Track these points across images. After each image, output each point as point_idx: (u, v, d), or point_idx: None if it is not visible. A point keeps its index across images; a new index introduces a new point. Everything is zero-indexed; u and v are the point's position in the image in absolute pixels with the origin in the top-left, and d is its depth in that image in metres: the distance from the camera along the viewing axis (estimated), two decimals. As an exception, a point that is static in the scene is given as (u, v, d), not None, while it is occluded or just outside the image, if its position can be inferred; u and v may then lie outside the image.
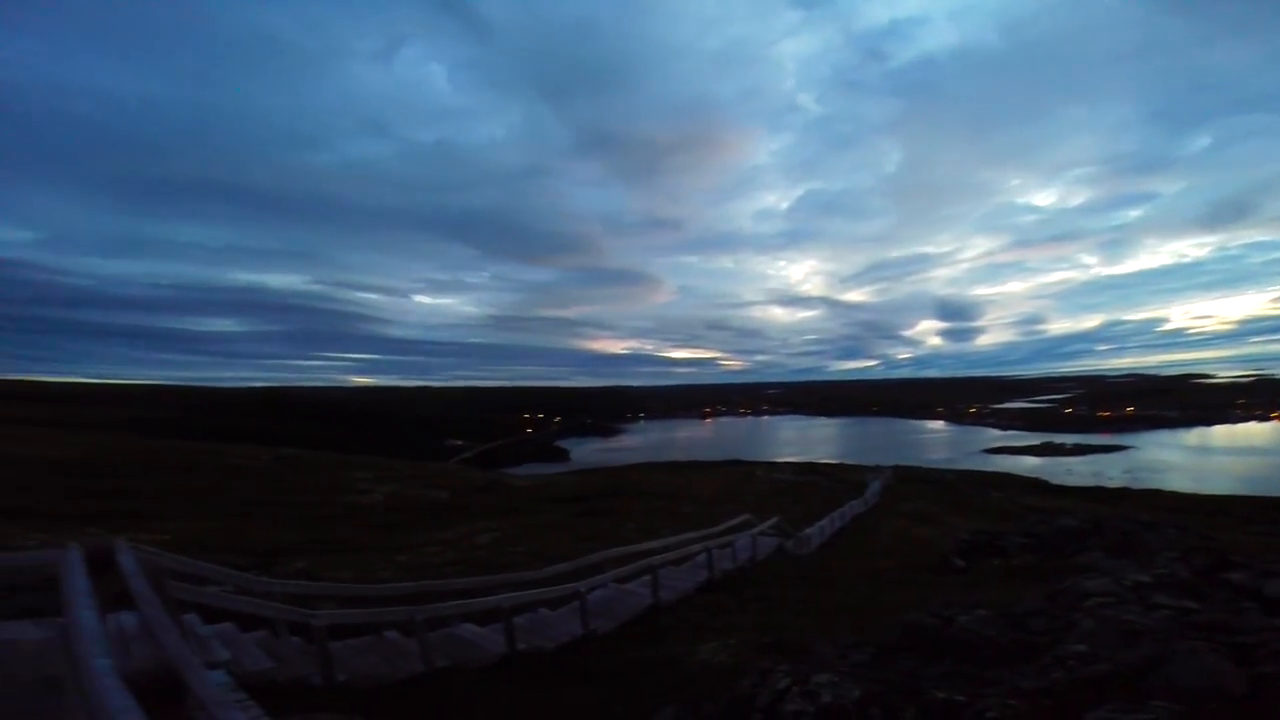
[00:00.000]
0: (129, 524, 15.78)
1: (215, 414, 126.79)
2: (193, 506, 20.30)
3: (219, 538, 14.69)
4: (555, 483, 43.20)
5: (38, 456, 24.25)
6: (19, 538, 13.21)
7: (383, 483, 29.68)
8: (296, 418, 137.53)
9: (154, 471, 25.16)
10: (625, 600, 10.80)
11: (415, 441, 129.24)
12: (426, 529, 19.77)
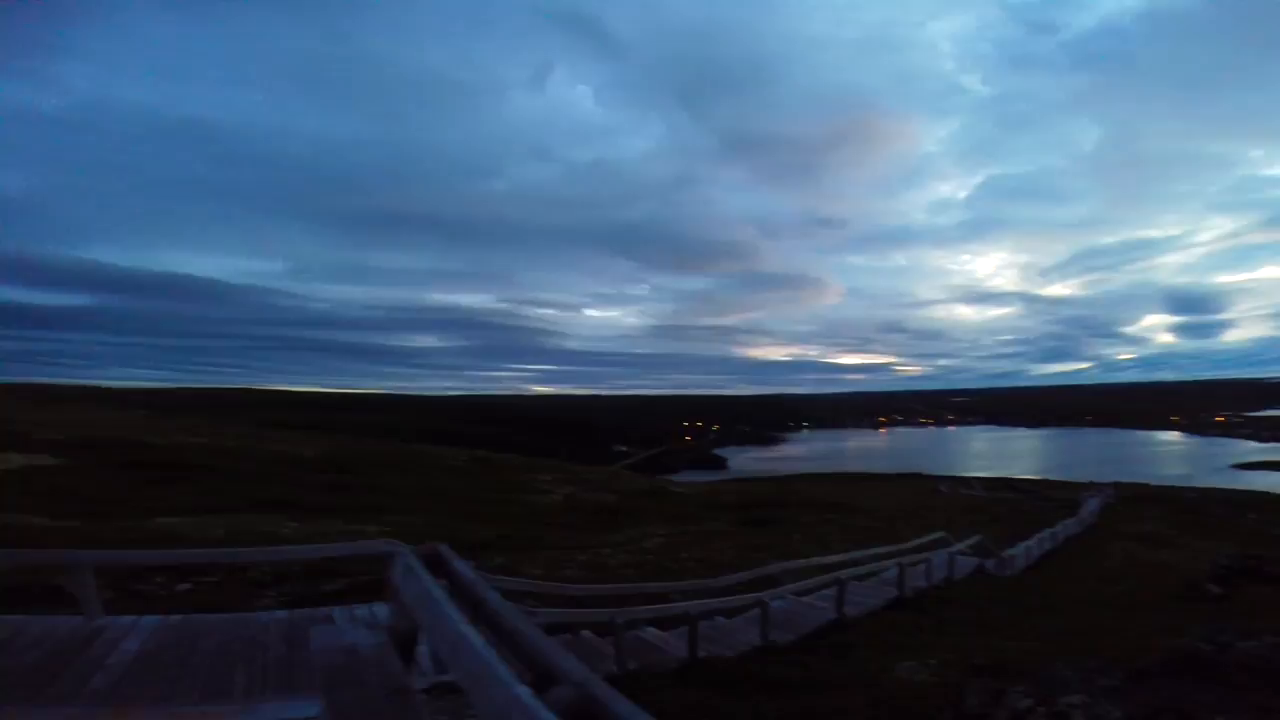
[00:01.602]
0: (365, 516, 18.45)
1: (423, 419, 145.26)
2: (408, 502, 23.21)
3: (432, 532, 16.62)
4: (717, 490, 43.13)
5: (292, 455, 29.38)
6: (281, 524, 16.12)
7: (561, 485, 31.66)
8: (487, 422, 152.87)
9: (377, 469, 29.24)
10: (805, 613, 10.55)
11: (586, 446, 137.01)
12: (599, 531, 20.73)
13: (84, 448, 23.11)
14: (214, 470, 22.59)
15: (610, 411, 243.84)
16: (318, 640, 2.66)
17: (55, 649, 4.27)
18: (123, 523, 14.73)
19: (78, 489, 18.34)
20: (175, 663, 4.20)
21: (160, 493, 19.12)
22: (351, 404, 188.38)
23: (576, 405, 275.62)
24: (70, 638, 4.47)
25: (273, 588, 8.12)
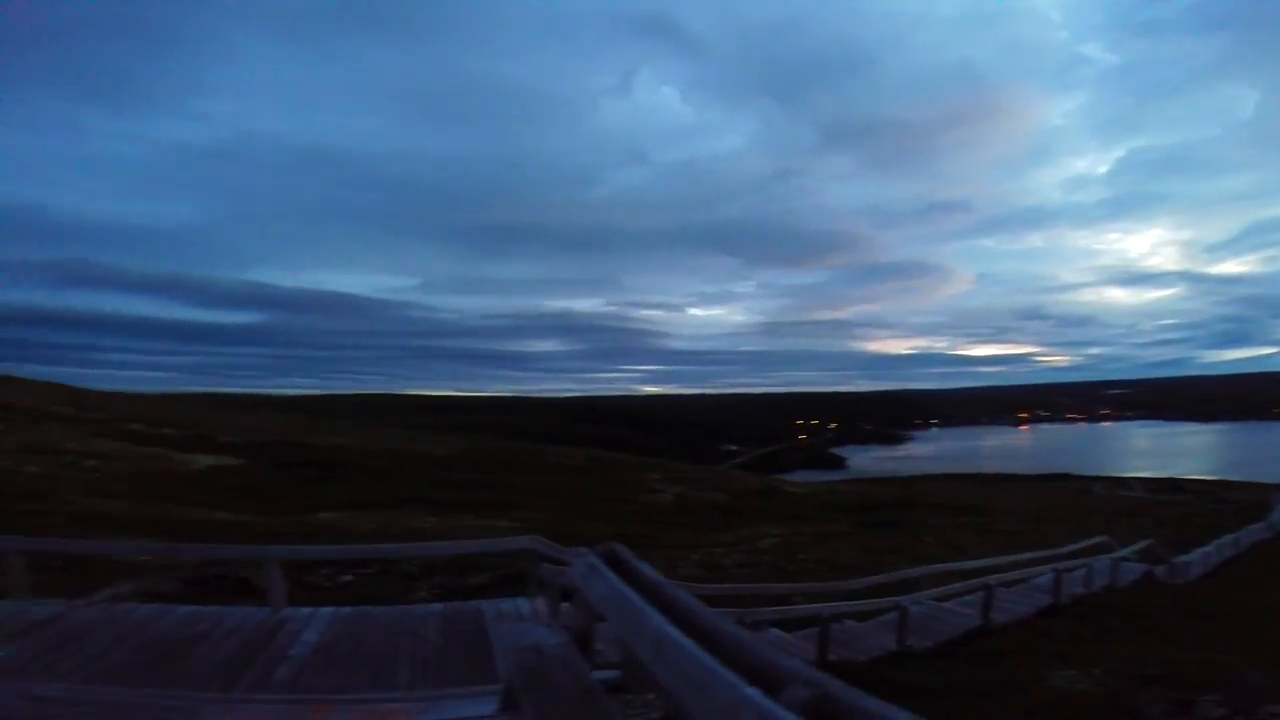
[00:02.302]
0: (493, 512, 19.66)
1: (542, 420, 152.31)
2: (531, 499, 24.42)
3: (554, 528, 17.40)
4: (835, 490, 41.55)
5: (429, 455, 31.84)
6: (422, 519, 17.55)
7: (672, 484, 31.92)
8: (601, 423, 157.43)
9: (503, 468, 31.00)
10: (945, 619, 10.05)
11: (695, 446, 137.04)
12: (711, 530, 20.69)
13: (257, 449, 26.38)
14: (364, 469, 24.99)
15: (718, 410, 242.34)
16: (502, 639, 2.72)
17: (246, 640, 4.80)
18: (291, 516, 16.70)
19: (253, 486, 20.99)
20: (347, 654, 4.60)
21: (320, 489, 21.44)
22: (478, 406, 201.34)
23: (685, 405, 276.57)
24: (258, 629, 5.01)
25: (423, 580, 8.84)
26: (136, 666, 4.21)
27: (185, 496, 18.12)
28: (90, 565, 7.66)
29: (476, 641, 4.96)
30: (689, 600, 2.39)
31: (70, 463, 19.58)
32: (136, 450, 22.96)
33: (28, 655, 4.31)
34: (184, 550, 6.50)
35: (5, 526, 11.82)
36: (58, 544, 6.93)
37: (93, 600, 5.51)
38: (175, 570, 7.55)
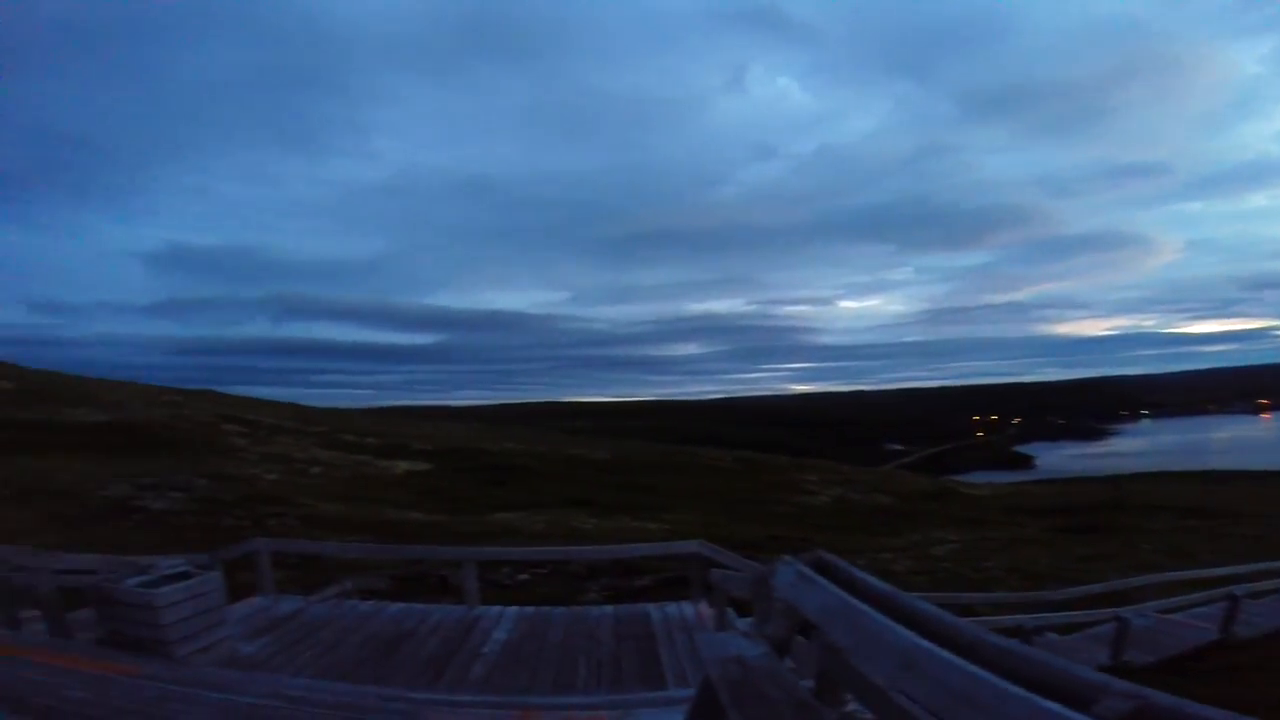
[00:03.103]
0: (648, 514, 20.21)
1: (690, 422, 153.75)
2: (683, 501, 24.74)
3: (707, 530, 17.47)
4: (1022, 492, 37.28)
5: (587, 459, 33.48)
6: (584, 520, 18.49)
7: (828, 486, 30.61)
8: (748, 424, 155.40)
9: (655, 471, 31.75)
10: (1172, 632, 8.84)
11: (852, 445, 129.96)
12: (876, 534, 19.52)
13: (444, 455, 29.42)
14: (532, 472, 26.90)
15: (879, 407, 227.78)
16: (706, 649, 2.66)
17: (446, 636, 5.26)
18: (473, 516, 18.41)
19: (441, 489, 23.44)
20: (532, 654, 4.90)
21: (496, 492, 23.42)
22: (629, 411, 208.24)
23: (840, 402, 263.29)
24: (456, 626, 5.48)
25: (590, 580, 9.31)
26: (359, 661, 4.73)
27: (388, 499, 20.70)
28: (317, 563, 8.95)
29: (646, 645, 5.10)
30: (932, 609, 2.13)
31: (299, 470, 23.19)
32: (349, 459, 26.67)
33: (274, 649, 4.93)
34: (397, 551, 7.33)
35: (253, 527, 14.35)
36: (299, 545, 8.09)
37: (324, 597, 6.43)
38: (387, 568, 8.64)
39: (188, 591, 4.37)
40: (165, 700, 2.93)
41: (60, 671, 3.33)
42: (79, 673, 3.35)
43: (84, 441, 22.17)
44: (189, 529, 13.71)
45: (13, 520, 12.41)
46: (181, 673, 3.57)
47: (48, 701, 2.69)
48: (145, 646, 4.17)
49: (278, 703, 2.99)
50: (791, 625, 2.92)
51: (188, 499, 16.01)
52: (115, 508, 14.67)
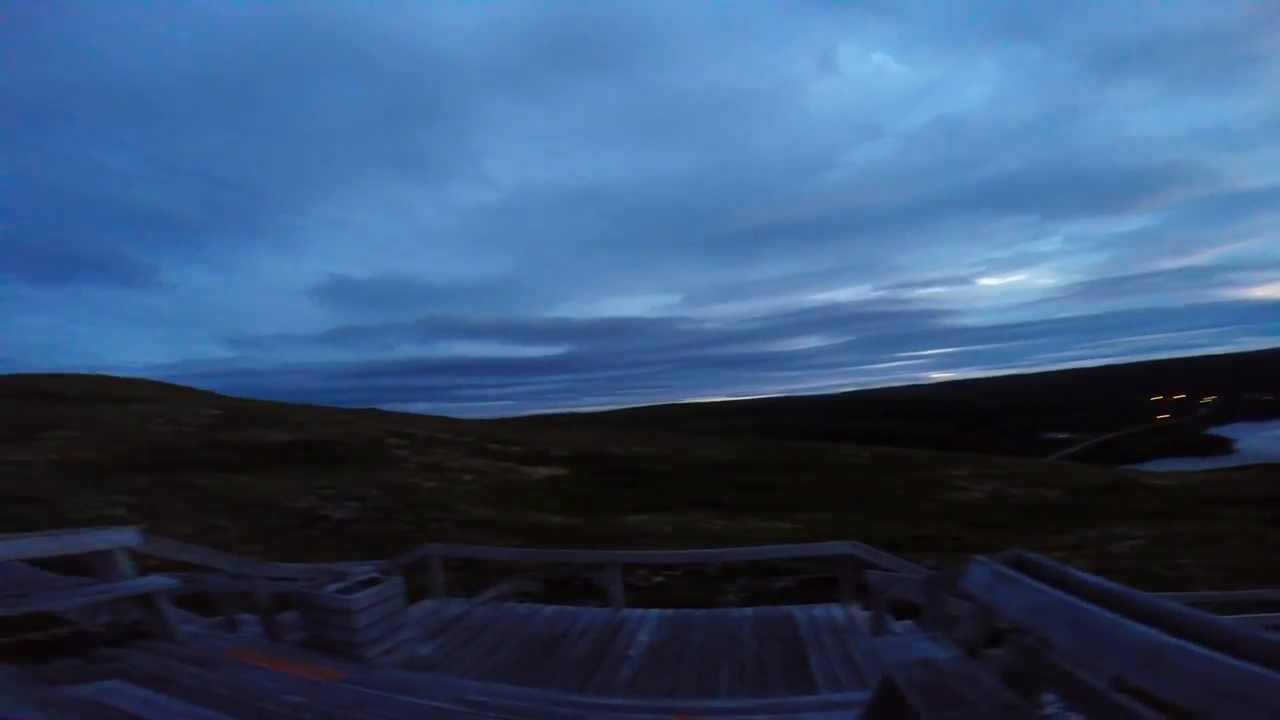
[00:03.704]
0: (778, 514, 19.82)
1: (817, 418, 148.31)
2: (814, 500, 23.97)
3: (841, 530, 16.82)
4: (1221, 480, 32.02)
5: (713, 459, 33.44)
6: (712, 522, 18.50)
7: (981, 480, 28.23)
8: (882, 416, 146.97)
9: (783, 470, 31.04)
10: None
11: (1005, 435, 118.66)
12: (1040, 531, 17.75)
13: (578, 460, 30.75)
14: (658, 475, 27.37)
15: (1035, 391, 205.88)
16: (887, 653, 2.62)
17: (595, 639, 5.47)
18: (607, 519, 19.08)
19: (577, 492, 24.50)
20: (674, 656, 5.00)
21: (626, 494, 24.09)
22: (751, 409, 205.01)
23: (989, 389, 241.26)
24: (603, 629, 5.69)
25: (727, 582, 9.33)
26: (518, 663, 5.02)
27: (530, 503, 22.00)
28: (473, 565, 9.70)
29: (791, 648, 5.03)
30: (1176, 605, 1.99)
31: (453, 478, 25.27)
32: (495, 465, 28.67)
33: (446, 650, 5.28)
34: (548, 555, 7.70)
35: (418, 532, 15.88)
36: (464, 550, 8.76)
37: (485, 599, 6.95)
38: (538, 571, 9.23)
39: (377, 596, 4.83)
40: (363, 704, 3.18)
41: (277, 676, 3.74)
42: (292, 677, 3.74)
43: (276, 459, 25.69)
44: (365, 535, 15.46)
45: (225, 530, 14.68)
46: (371, 675, 3.98)
47: (271, 706, 3.00)
48: (340, 649, 4.62)
49: (461, 707, 3.21)
50: (984, 627, 2.82)
51: (362, 508, 18.05)
52: (304, 517, 16.88)
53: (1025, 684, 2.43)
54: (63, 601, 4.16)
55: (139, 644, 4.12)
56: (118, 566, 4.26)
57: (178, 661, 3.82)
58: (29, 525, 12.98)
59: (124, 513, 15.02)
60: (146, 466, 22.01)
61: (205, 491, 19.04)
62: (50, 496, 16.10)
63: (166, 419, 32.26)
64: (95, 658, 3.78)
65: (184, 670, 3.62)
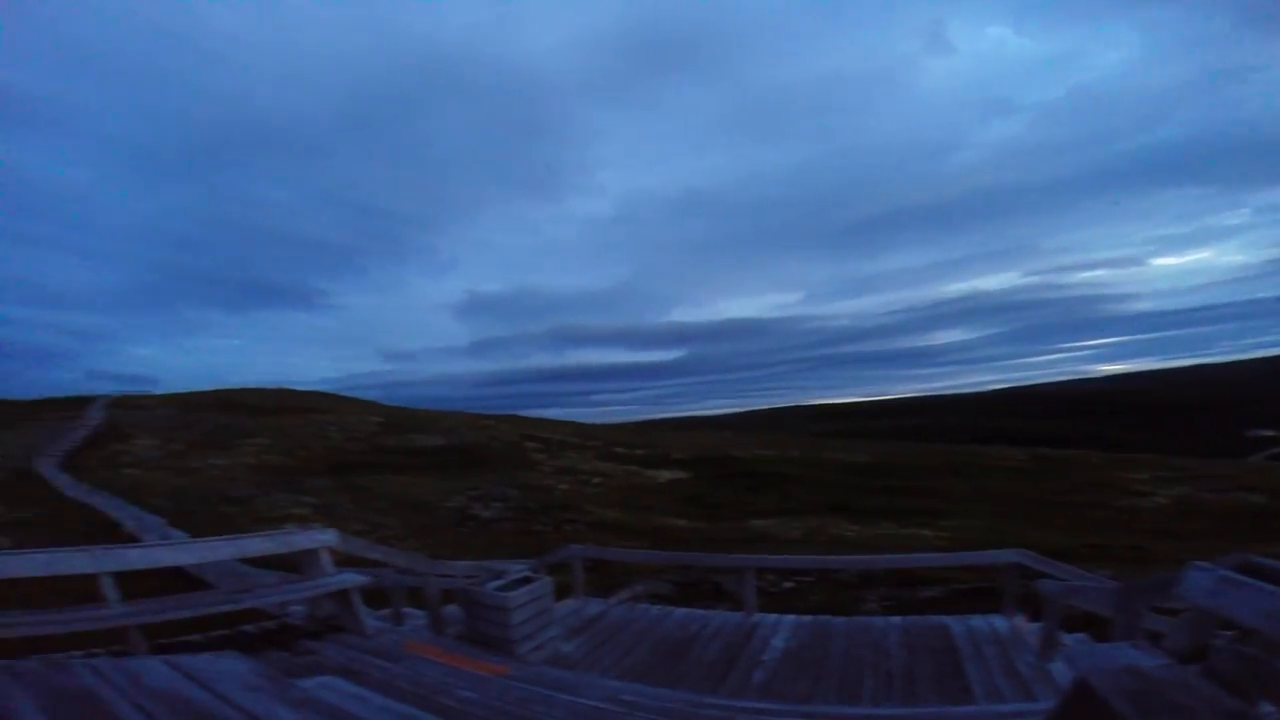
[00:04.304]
0: (918, 520, 18.59)
1: (963, 417, 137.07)
2: (961, 506, 22.18)
3: (993, 538, 15.44)
4: None
5: (844, 463, 32.02)
6: (844, 528, 17.72)
7: (1166, 484, 24.66)
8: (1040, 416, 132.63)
9: (924, 473, 29.02)
10: None
11: (1194, 433, 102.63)
12: (1241, 540, 15.19)
13: (700, 463, 30.79)
14: (785, 479, 26.68)
15: (1232, 383, 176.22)
16: (1086, 660, 2.50)
17: (727, 642, 5.44)
18: (731, 523, 18.92)
19: (700, 496, 24.51)
20: (813, 663, 4.87)
21: (751, 498, 23.72)
22: (886, 409, 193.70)
23: (1171, 382, 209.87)
24: (735, 632, 5.65)
25: (864, 589, 8.93)
26: (652, 664, 5.11)
27: (655, 506, 22.36)
28: (602, 566, 9.97)
29: (945, 659, 4.75)
30: None
31: (584, 480, 26.30)
32: (620, 469, 29.47)
33: (586, 649, 5.44)
34: (684, 558, 7.72)
35: (554, 532, 16.70)
36: (606, 552, 9.01)
37: (620, 600, 7.17)
38: (668, 573, 9.39)
39: (530, 595, 5.10)
40: (528, 701, 3.35)
41: (451, 671, 3.99)
42: (463, 672, 3.99)
43: (430, 463, 28.17)
44: (509, 535, 16.55)
45: (388, 528, 16.32)
46: (529, 672, 4.21)
47: (448, 701, 3.20)
48: (495, 644, 4.90)
49: (615, 707, 3.33)
50: (1199, 636, 2.72)
51: (505, 508, 19.32)
52: (456, 516, 18.36)
53: (1243, 692, 2.24)
54: (278, 596, 4.69)
55: (332, 637, 4.59)
56: (320, 564, 4.78)
57: (366, 655, 4.20)
58: (233, 523, 15.29)
59: (309, 512, 17.22)
60: (324, 469, 25.06)
61: (371, 492, 21.33)
62: (248, 497, 18.83)
63: (339, 427, 36.52)
64: (298, 650, 4.28)
65: (372, 664, 3.98)
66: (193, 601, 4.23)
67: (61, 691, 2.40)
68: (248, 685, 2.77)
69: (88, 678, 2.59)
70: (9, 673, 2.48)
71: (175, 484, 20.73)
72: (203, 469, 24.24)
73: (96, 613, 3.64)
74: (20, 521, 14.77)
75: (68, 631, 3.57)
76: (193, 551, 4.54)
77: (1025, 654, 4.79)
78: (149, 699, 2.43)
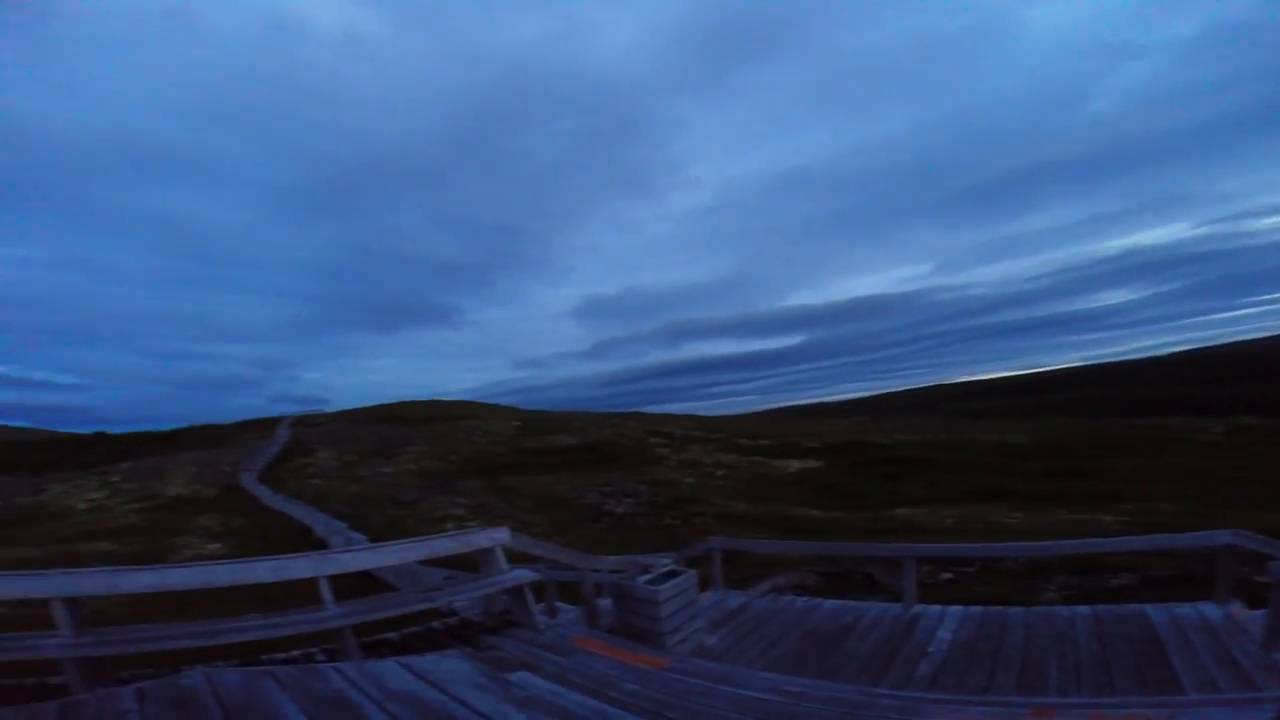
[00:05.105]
0: (1093, 504, 16.69)
1: (1135, 387, 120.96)
2: (1144, 486, 19.59)
3: (1185, 521, 13.49)
4: None
5: (1000, 444, 29.36)
6: (1005, 515, 16.23)
7: None
8: (1230, 381, 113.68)
9: (1096, 451, 25.94)
10: None
11: None
12: None
13: (833, 452, 29.64)
14: (931, 464, 24.96)
15: None
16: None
17: (885, 634, 5.20)
18: (871, 513, 17.98)
19: (834, 485, 23.57)
20: (988, 654, 4.56)
21: (893, 486, 22.44)
22: (1042, 383, 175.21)
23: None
24: (895, 624, 5.38)
25: (1037, 578, 8.12)
26: (803, 655, 4.99)
27: (786, 496, 21.83)
28: (737, 559, 9.83)
29: (1146, 649, 4.28)
30: None
31: (708, 473, 26.29)
32: (746, 460, 29.12)
33: (730, 641, 5.41)
34: (833, 548, 7.44)
35: (683, 526, 16.79)
36: (747, 543, 8.96)
37: (762, 592, 7.04)
38: (810, 565, 9.12)
39: (677, 588, 5.18)
40: (690, 693, 3.38)
41: (615, 664, 4.10)
42: (627, 665, 4.07)
43: (564, 461, 29.49)
44: (641, 529, 16.90)
45: (536, 525, 17.25)
46: (684, 664, 4.25)
47: (617, 694, 3.28)
48: (645, 636, 5.00)
49: (780, 698, 3.29)
50: None
51: (636, 503, 19.77)
52: (591, 512, 19.06)
53: None
54: (466, 593, 4.98)
55: (508, 633, 4.85)
56: (496, 561, 5.02)
57: (540, 649, 4.41)
58: (402, 525, 16.90)
59: (464, 512, 18.66)
60: (474, 472, 27.06)
61: (517, 491, 22.71)
62: (413, 500, 20.74)
63: (484, 432, 39.30)
64: (481, 645, 4.55)
65: (546, 658, 4.16)
66: (395, 601, 4.54)
67: (318, 696, 2.62)
68: (475, 685, 2.93)
69: (337, 681, 2.82)
70: (272, 677, 2.75)
71: (351, 491, 23.35)
72: (372, 476, 27.06)
73: (317, 614, 4.01)
74: (233, 530, 17.36)
75: (294, 634, 3.91)
76: (392, 553, 4.84)
77: (1245, 643, 4.23)
78: (393, 702, 2.61)
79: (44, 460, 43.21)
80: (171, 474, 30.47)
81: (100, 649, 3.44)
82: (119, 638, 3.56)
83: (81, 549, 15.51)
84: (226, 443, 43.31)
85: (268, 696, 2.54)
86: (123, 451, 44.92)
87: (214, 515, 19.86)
